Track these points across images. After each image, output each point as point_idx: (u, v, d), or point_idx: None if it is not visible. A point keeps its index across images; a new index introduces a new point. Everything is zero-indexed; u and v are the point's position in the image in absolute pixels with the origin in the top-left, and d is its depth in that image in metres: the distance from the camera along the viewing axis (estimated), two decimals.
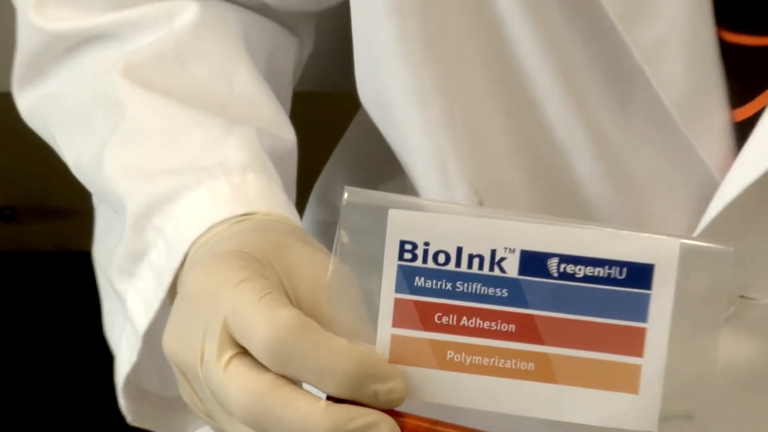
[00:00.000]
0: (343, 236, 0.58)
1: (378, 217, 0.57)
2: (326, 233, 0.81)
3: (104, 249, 0.77)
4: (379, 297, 0.58)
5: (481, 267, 0.57)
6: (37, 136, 0.83)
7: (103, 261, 0.77)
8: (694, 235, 0.68)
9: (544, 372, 0.58)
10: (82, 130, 0.76)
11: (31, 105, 0.82)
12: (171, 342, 0.62)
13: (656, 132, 0.68)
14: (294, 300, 0.60)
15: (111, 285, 0.75)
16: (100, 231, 0.80)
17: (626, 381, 0.57)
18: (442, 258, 0.57)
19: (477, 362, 0.58)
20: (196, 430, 0.82)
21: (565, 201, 0.72)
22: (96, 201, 0.81)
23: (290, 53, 0.83)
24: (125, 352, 0.74)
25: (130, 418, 0.77)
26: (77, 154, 0.77)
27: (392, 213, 0.57)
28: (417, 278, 0.57)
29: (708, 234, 0.67)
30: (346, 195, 0.58)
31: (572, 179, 0.71)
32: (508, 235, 0.57)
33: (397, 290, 0.57)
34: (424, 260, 0.57)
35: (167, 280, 0.68)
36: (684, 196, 0.70)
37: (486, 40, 0.69)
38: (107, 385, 0.77)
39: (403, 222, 0.57)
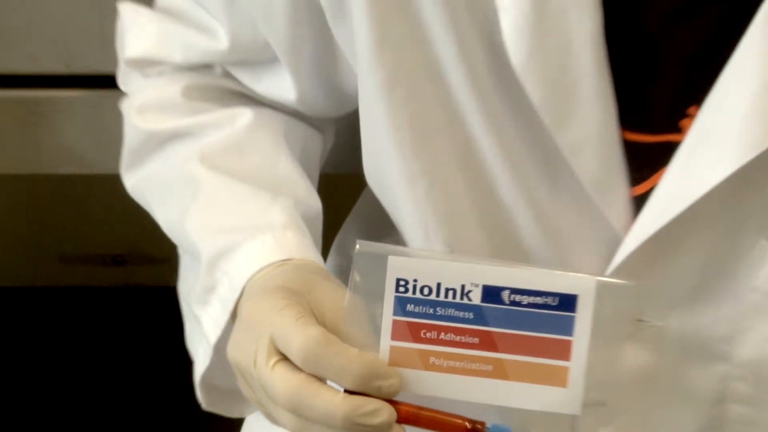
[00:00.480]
0: (355, 275, 0.65)
1: (381, 262, 0.64)
2: (343, 274, 0.79)
3: (186, 285, 0.82)
4: (381, 319, 0.65)
5: (454, 297, 0.64)
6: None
7: (185, 293, 0.82)
8: (606, 274, 0.72)
9: (499, 372, 0.65)
10: (170, 201, 0.83)
11: (134, 183, 0.86)
12: (233, 351, 0.68)
13: (577, 203, 0.74)
14: (320, 321, 0.65)
15: (191, 311, 0.80)
16: (183, 272, 0.83)
17: (558, 378, 0.65)
18: (426, 290, 0.65)
19: (451, 365, 0.65)
20: (251, 413, 0.85)
21: (513, 251, 0.75)
22: (180, 251, 0.84)
23: (317, 146, 0.88)
24: (201, 359, 0.79)
25: (204, 405, 0.81)
26: (167, 218, 0.83)
27: (391, 259, 0.64)
28: (408, 305, 0.64)
29: (614, 275, 0.71)
30: (357, 246, 0.65)
31: (518, 236, 0.75)
32: (473, 274, 0.64)
33: (395, 314, 0.65)
34: (414, 292, 0.64)
35: (230, 308, 0.74)
36: (597, 248, 0.75)
37: (457, 140, 0.73)
38: (188, 384, 0.81)
39: (398, 265, 0.64)
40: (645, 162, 0.73)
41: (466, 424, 0.65)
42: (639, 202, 0.72)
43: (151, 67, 0.85)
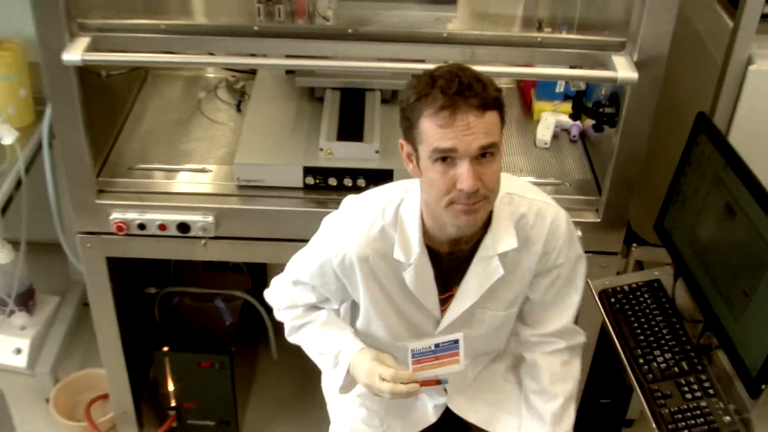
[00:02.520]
0: None
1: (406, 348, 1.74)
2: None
3: (322, 365, 1.91)
4: (410, 361, 1.76)
5: (425, 350, 1.78)
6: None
7: (325, 367, 1.91)
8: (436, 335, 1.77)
9: (442, 364, 1.78)
10: (309, 342, 1.90)
11: (292, 341, 1.91)
12: (363, 380, 1.80)
13: (429, 317, 1.83)
14: (388, 365, 1.75)
15: (327, 372, 1.94)
16: (324, 363, 1.91)
17: (456, 362, 1.78)
18: (419, 349, 1.78)
19: (429, 367, 1.77)
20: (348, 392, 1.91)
21: (420, 335, 1.81)
22: (318, 355, 1.90)
23: (346, 320, 1.93)
24: (338, 384, 1.88)
25: (341, 393, 1.90)
26: (310, 348, 1.90)
27: (409, 344, 1.75)
28: (416, 355, 1.77)
29: (444, 332, 1.79)
30: (399, 343, 1.73)
31: (420, 331, 1.84)
32: (427, 342, 1.77)
33: (412, 358, 1.78)
34: (417, 350, 1.77)
35: (345, 370, 1.84)
36: (432, 327, 1.85)
37: (395, 312, 1.81)
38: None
39: (411, 346, 1.76)
40: (444, 302, 1.84)
41: (437, 381, 1.74)
42: (443, 314, 1.85)
43: (291, 307, 1.94)
